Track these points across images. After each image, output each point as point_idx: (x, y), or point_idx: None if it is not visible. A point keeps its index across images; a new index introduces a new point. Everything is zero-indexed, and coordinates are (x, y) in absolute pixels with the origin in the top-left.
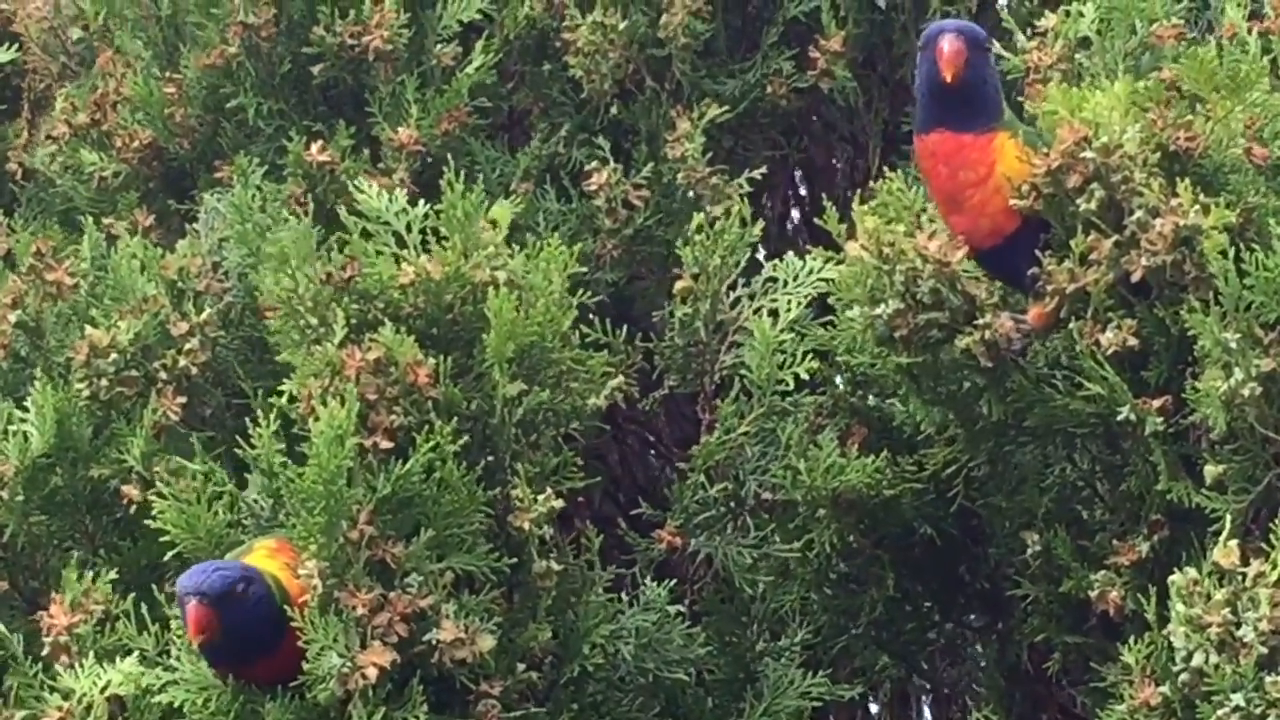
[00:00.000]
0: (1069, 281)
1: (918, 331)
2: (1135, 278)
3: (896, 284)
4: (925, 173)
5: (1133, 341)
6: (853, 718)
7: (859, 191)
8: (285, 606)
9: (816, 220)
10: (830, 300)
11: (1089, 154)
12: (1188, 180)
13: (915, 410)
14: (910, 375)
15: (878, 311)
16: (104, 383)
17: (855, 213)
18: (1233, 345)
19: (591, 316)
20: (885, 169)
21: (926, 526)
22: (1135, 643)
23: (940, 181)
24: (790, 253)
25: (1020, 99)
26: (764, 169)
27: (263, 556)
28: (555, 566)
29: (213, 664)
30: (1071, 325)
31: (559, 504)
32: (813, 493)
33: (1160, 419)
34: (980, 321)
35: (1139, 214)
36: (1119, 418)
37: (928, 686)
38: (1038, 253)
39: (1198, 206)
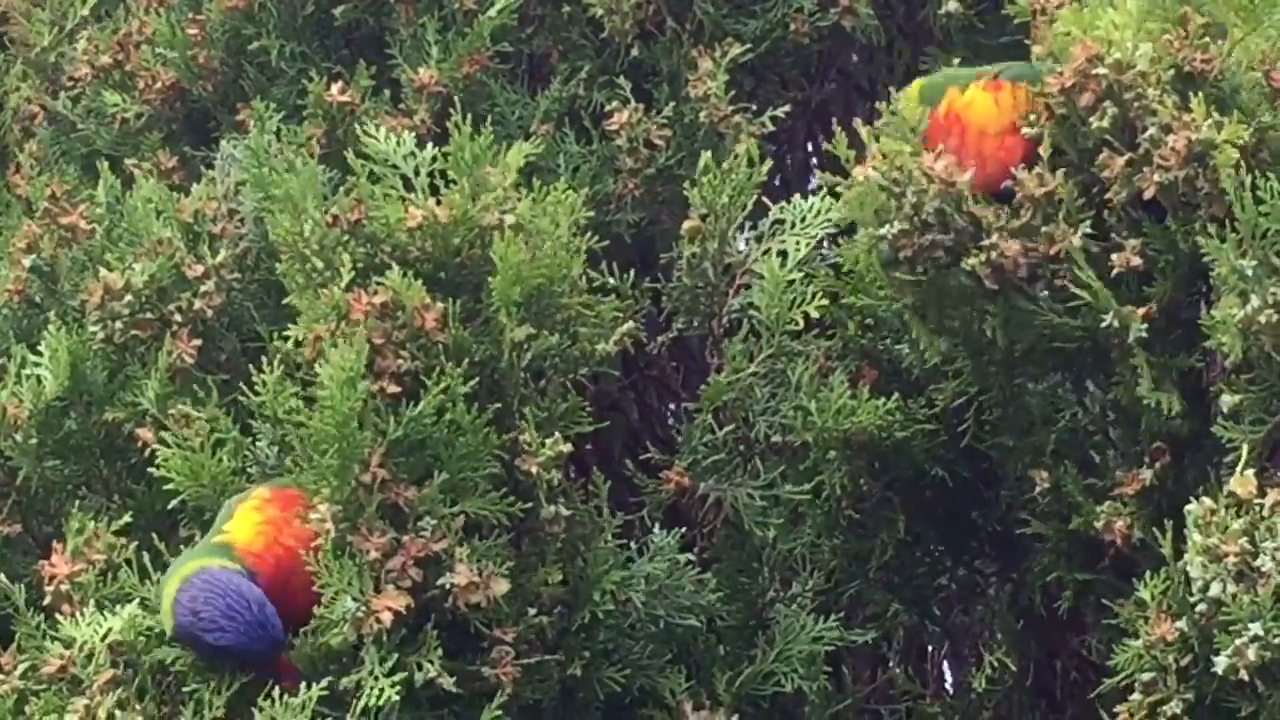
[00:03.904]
0: (1038, 187)
1: (922, 253)
2: (1148, 195)
3: (906, 206)
4: None
5: (1136, 261)
6: (872, 667)
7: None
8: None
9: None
10: (838, 222)
11: (1101, 70)
12: (1200, 95)
13: (920, 339)
14: (915, 308)
15: (882, 232)
16: (118, 325)
17: (863, 134)
18: (1249, 272)
19: (603, 261)
20: None
21: (938, 468)
22: (1150, 578)
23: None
24: (798, 195)
25: (1027, 42)
26: (787, 107)
27: (249, 510)
28: (564, 511)
29: None
30: (1045, 228)
31: (567, 448)
32: (823, 434)
33: (1144, 325)
34: (986, 243)
35: (1152, 130)
36: (1103, 324)
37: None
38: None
39: (1210, 121)
